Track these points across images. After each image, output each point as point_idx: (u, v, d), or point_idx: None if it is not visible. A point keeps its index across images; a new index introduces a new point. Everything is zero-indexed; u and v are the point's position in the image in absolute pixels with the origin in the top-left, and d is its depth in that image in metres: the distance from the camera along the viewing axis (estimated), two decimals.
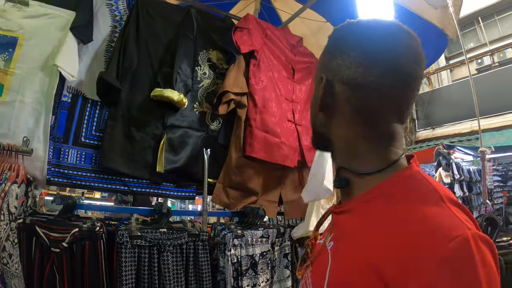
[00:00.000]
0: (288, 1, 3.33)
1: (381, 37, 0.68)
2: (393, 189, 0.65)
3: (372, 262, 0.57)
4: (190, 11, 2.25)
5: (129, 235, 1.62)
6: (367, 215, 0.67)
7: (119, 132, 1.96)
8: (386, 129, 0.70)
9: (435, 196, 0.60)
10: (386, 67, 0.66)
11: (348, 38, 0.72)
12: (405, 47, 0.67)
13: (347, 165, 0.73)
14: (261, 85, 2.26)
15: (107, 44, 2.05)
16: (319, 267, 0.74)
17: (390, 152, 0.70)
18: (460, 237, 0.51)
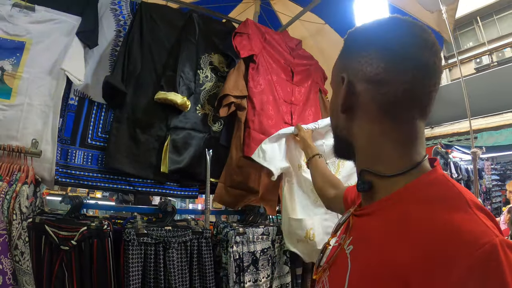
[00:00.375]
0: (287, 4, 3.38)
1: (398, 33, 0.68)
2: (418, 193, 0.64)
3: (397, 268, 0.56)
4: (192, 15, 2.31)
5: (136, 233, 1.68)
6: (390, 219, 0.65)
7: (124, 134, 2.02)
8: (410, 126, 0.68)
9: (462, 202, 0.59)
10: (408, 60, 0.66)
11: (365, 38, 0.73)
12: (422, 40, 0.67)
13: (369, 168, 0.72)
14: (259, 88, 2.33)
15: (112, 48, 2.10)
16: (338, 271, 0.72)
17: (413, 152, 0.69)
18: (488, 245, 0.50)
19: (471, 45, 11.07)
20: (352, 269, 0.67)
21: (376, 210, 0.71)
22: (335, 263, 0.76)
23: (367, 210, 0.74)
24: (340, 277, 0.68)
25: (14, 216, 1.51)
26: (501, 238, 0.51)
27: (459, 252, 0.50)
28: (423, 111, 0.68)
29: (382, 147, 0.70)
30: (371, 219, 0.72)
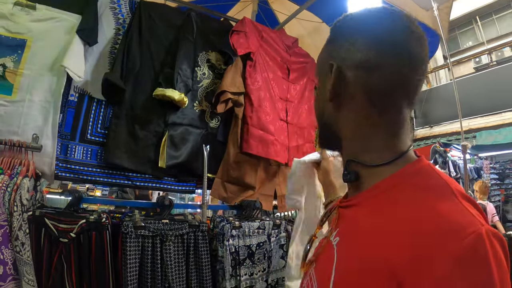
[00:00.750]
0: (285, 3, 3.42)
1: (387, 21, 0.68)
2: (404, 182, 0.64)
3: (383, 259, 0.56)
4: (190, 14, 2.35)
5: (133, 226, 1.72)
6: (376, 209, 0.65)
7: (123, 130, 2.06)
8: (397, 115, 0.68)
9: (447, 191, 0.59)
10: (397, 48, 0.66)
11: (354, 25, 0.72)
12: (410, 30, 0.67)
13: (355, 158, 0.72)
14: (257, 85, 2.37)
15: (111, 46, 2.15)
16: (324, 263, 0.72)
17: (399, 141, 0.69)
18: (474, 234, 0.50)
19: (470, 44, 11.09)
20: (338, 261, 0.66)
21: (361, 201, 0.70)
22: (321, 256, 0.75)
23: (353, 201, 0.73)
24: (327, 269, 0.67)
25: (15, 208, 1.56)
26: (486, 227, 0.51)
27: (445, 242, 0.50)
28: (410, 100, 0.69)
29: (369, 136, 0.70)
30: (356, 210, 0.71)
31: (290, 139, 2.58)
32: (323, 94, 0.74)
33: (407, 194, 0.61)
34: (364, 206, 0.69)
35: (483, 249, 0.49)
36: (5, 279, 1.52)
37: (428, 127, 9.96)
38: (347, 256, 0.65)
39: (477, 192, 5.62)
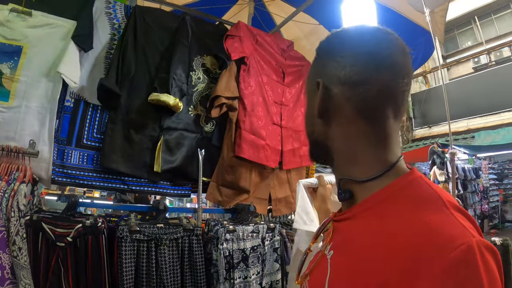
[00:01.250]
0: (281, 5, 3.43)
1: (370, 37, 0.71)
2: (395, 196, 0.64)
3: (374, 270, 0.56)
4: (185, 18, 2.37)
5: (129, 230, 1.74)
6: (367, 222, 0.66)
7: (119, 135, 2.08)
8: (385, 126, 0.69)
9: (439, 203, 0.59)
10: (381, 61, 0.68)
11: (339, 43, 0.74)
12: (393, 43, 0.70)
13: (347, 175, 0.73)
14: (250, 89, 2.39)
15: (107, 51, 2.17)
16: (317, 276, 0.72)
17: (389, 152, 0.70)
18: (464, 246, 0.50)
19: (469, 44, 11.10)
20: (331, 274, 0.67)
21: (354, 215, 0.71)
22: (315, 269, 0.76)
23: (346, 215, 0.74)
24: (320, 282, 0.69)
25: (12, 213, 1.58)
26: (478, 239, 0.51)
27: (435, 254, 0.50)
28: (397, 110, 0.70)
29: (358, 149, 0.71)
30: (350, 223, 0.72)
31: (285, 143, 2.59)
32: (312, 111, 0.75)
33: (398, 207, 0.62)
34: (356, 219, 0.70)
35: (473, 261, 0.49)
36: (3, 283, 1.55)
37: (427, 127, 9.99)
38: (340, 269, 0.66)
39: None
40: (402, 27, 2.95)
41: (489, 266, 0.50)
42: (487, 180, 8.35)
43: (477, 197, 7.89)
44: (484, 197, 8.05)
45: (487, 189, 8.17)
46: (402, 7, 2.89)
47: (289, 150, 2.60)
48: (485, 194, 8.11)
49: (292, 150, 2.63)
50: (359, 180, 0.70)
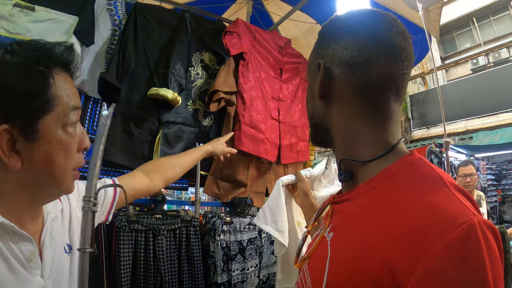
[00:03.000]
0: (280, 4, 3.47)
1: (371, 20, 0.72)
2: (396, 176, 0.65)
3: (376, 250, 0.56)
4: (184, 15, 2.41)
5: (127, 220, 1.78)
6: (369, 203, 0.66)
7: (119, 128, 2.11)
8: (386, 108, 0.70)
9: (440, 182, 0.60)
10: (381, 43, 0.69)
11: (340, 25, 0.75)
12: (394, 26, 0.70)
13: (347, 154, 0.73)
14: (249, 84, 2.43)
15: (108, 46, 2.20)
16: (317, 259, 0.73)
17: (389, 134, 0.71)
18: (466, 224, 0.50)
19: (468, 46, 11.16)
20: (332, 255, 0.67)
21: (354, 196, 0.71)
22: (315, 252, 0.76)
23: (346, 197, 0.75)
24: (320, 264, 0.68)
25: None
26: (479, 218, 0.52)
27: (437, 232, 0.51)
28: (397, 93, 0.70)
29: (359, 131, 0.71)
30: (350, 205, 0.72)
31: (283, 138, 2.63)
32: (313, 93, 0.76)
33: (399, 188, 0.62)
34: (357, 200, 0.70)
35: (475, 238, 0.50)
36: None
37: (425, 128, 10.02)
38: (340, 250, 0.66)
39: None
40: None
41: (491, 244, 0.51)
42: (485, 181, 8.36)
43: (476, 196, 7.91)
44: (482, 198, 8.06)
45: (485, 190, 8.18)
46: (396, 5, 2.92)
47: (287, 145, 2.64)
48: None
49: (289, 145, 2.67)
50: (360, 160, 0.71)
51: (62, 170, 0.77)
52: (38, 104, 0.71)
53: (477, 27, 10.80)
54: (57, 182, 0.77)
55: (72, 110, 0.77)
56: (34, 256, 0.76)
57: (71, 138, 0.77)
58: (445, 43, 11.63)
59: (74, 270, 0.87)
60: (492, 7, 10.34)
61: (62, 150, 0.76)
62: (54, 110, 0.73)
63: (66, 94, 0.76)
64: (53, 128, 0.74)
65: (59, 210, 0.92)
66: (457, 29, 11.31)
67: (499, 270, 0.51)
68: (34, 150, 0.72)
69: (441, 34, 11.31)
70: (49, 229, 0.84)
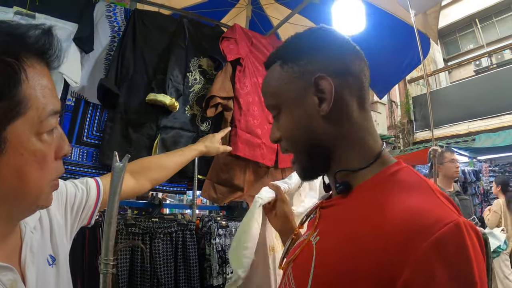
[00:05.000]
0: (279, 8, 3.50)
1: (339, 36, 0.76)
2: (384, 182, 0.67)
3: (363, 251, 0.57)
4: (182, 21, 2.45)
5: (124, 223, 1.82)
6: (357, 207, 0.67)
7: (117, 133, 2.15)
8: (368, 113, 0.73)
9: (425, 188, 0.62)
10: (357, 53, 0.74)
11: (313, 42, 0.75)
12: (351, 43, 0.76)
13: (343, 167, 0.73)
14: (246, 89, 2.46)
15: (107, 52, 2.24)
16: (302, 262, 0.73)
17: (375, 141, 0.73)
18: (452, 223, 0.52)
19: (471, 47, 11.12)
20: (317, 259, 0.67)
21: (343, 202, 0.72)
22: (300, 255, 0.76)
23: (334, 202, 0.76)
24: (305, 267, 0.68)
25: None
26: (464, 220, 0.54)
27: (424, 232, 0.52)
28: (365, 102, 0.75)
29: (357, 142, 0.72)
30: (337, 209, 0.74)
31: None
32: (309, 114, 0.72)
33: (386, 193, 0.64)
34: (345, 205, 0.71)
35: (461, 236, 0.52)
36: None
37: (428, 130, 9.99)
38: (326, 253, 0.67)
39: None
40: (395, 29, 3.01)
41: (475, 243, 0.53)
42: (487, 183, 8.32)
43: (477, 199, 7.89)
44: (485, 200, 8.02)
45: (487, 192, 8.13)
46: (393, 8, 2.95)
47: None
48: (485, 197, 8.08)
49: None
50: (355, 169, 0.71)
51: (37, 185, 0.64)
52: (5, 107, 0.56)
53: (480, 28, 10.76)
54: (31, 196, 0.65)
55: (50, 115, 0.63)
56: (16, 284, 0.66)
57: (47, 146, 0.64)
58: (448, 44, 11.60)
59: (60, 281, 0.82)
60: (495, 8, 10.28)
61: (37, 162, 0.62)
62: (26, 114, 0.59)
63: (42, 94, 0.61)
64: (25, 136, 0.59)
65: (36, 220, 0.80)
66: (460, 31, 11.28)
67: (484, 269, 0.53)
68: (1, 163, 0.58)
69: (444, 35, 11.32)
70: (29, 244, 0.73)
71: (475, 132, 8.76)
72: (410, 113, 10.60)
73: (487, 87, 8.94)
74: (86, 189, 1.00)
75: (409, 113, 10.62)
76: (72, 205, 0.95)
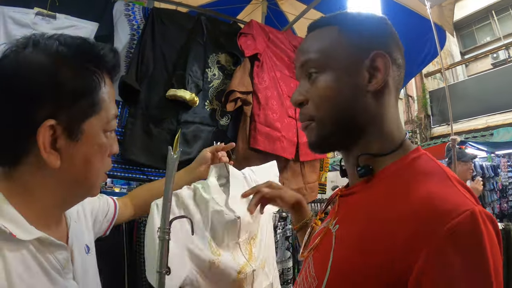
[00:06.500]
0: (294, 4, 3.49)
1: (388, 24, 0.76)
2: (402, 170, 0.67)
3: (380, 238, 0.58)
4: (200, 18, 2.48)
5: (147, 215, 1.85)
6: (375, 195, 0.67)
7: (139, 128, 2.20)
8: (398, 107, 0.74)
9: (443, 176, 0.62)
10: (403, 52, 0.76)
11: (377, 20, 0.76)
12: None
13: (365, 151, 0.73)
14: (264, 84, 2.48)
15: (127, 50, 2.28)
16: (322, 250, 0.74)
17: (400, 129, 0.74)
18: (468, 212, 0.52)
19: (488, 40, 10.90)
20: (336, 246, 0.68)
21: (362, 189, 0.73)
22: (320, 243, 0.76)
23: (353, 189, 0.76)
24: (325, 255, 0.69)
25: None
26: (480, 208, 0.53)
27: (440, 219, 0.52)
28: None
29: (385, 125, 0.73)
30: (356, 197, 0.74)
31: (301, 135, 2.66)
32: (357, 84, 0.71)
33: (404, 180, 0.64)
34: (364, 193, 0.72)
35: (477, 225, 0.51)
36: None
37: (445, 125, 9.84)
38: (345, 240, 0.67)
39: None
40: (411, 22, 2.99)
41: (490, 232, 0.52)
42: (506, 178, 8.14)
43: (495, 195, 7.72)
44: (503, 196, 7.85)
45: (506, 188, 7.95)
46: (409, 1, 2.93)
47: (304, 142, 2.67)
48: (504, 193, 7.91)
49: (305, 143, 2.70)
50: (377, 154, 0.71)
51: (96, 173, 0.75)
52: (87, 104, 0.69)
53: (496, 20, 10.53)
54: (89, 184, 0.76)
55: (113, 117, 0.77)
56: (68, 263, 0.76)
57: (108, 143, 0.76)
58: (464, 37, 11.40)
59: (94, 269, 0.91)
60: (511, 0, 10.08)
61: (100, 154, 0.74)
62: (100, 113, 0.72)
63: (110, 100, 0.75)
64: (96, 131, 0.72)
65: (75, 212, 0.91)
66: (476, 23, 11.06)
67: (499, 258, 0.52)
68: (75, 149, 0.69)
69: (460, 28, 11.13)
70: (74, 232, 0.84)
71: (493, 127, 8.59)
72: (427, 107, 10.45)
73: (505, 80, 8.75)
74: (108, 203, 1.13)
75: (426, 108, 10.48)
76: (97, 213, 1.06)
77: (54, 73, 0.65)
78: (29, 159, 0.67)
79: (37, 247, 0.68)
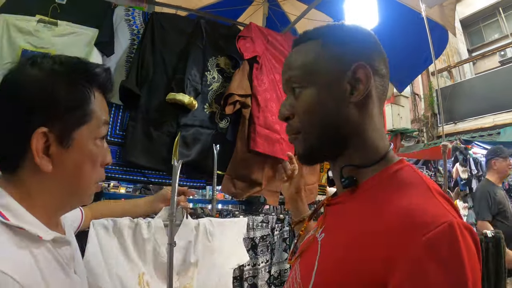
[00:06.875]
0: (296, 4, 3.51)
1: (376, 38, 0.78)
2: (385, 181, 0.69)
3: (361, 250, 0.60)
4: (199, 22, 2.52)
5: None
6: (358, 206, 0.70)
7: (139, 131, 2.24)
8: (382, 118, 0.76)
9: (423, 187, 0.63)
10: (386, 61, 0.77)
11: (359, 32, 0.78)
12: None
13: (351, 162, 0.75)
14: (263, 86, 2.51)
15: (127, 55, 2.33)
16: (308, 258, 0.76)
17: (384, 142, 0.75)
18: (446, 224, 0.53)
19: (496, 37, 10.77)
20: (321, 254, 0.70)
21: (346, 199, 0.75)
22: (306, 250, 0.79)
23: (338, 199, 0.79)
24: (310, 262, 0.72)
25: None
26: (458, 220, 0.55)
27: (418, 231, 0.53)
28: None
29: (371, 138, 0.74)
30: (342, 207, 0.76)
31: None
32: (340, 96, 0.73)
33: (386, 192, 0.66)
34: (349, 203, 0.74)
35: (454, 237, 0.52)
36: None
37: (452, 123, 9.73)
38: (329, 250, 0.70)
39: None
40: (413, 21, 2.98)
41: (469, 244, 0.53)
42: None
43: None
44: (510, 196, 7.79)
45: None
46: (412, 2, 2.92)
47: None
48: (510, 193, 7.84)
49: None
50: (360, 165, 0.73)
51: (87, 180, 0.81)
52: (79, 115, 0.76)
53: (504, 17, 10.40)
54: (81, 191, 0.82)
55: (103, 124, 0.83)
56: (72, 258, 0.84)
57: (99, 151, 0.82)
58: (472, 34, 11.27)
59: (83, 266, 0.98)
60: None
61: (90, 161, 0.80)
62: (90, 122, 0.78)
63: (100, 110, 0.82)
64: (86, 139, 0.78)
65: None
66: (484, 20, 10.92)
67: (477, 270, 0.53)
68: (66, 156, 0.75)
69: (467, 25, 11.01)
70: (68, 231, 0.91)
71: (500, 125, 8.47)
72: (433, 106, 10.35)
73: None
74: (77, 211, 1.21)
75: (432, 106, 10.38)
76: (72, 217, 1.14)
77: (47, 87, 0.73)
78: (26, 163, 0.73)
79: (52, 244, 0.76)
